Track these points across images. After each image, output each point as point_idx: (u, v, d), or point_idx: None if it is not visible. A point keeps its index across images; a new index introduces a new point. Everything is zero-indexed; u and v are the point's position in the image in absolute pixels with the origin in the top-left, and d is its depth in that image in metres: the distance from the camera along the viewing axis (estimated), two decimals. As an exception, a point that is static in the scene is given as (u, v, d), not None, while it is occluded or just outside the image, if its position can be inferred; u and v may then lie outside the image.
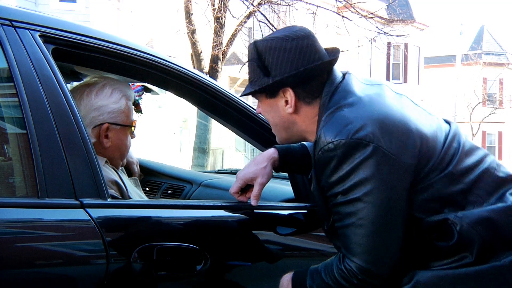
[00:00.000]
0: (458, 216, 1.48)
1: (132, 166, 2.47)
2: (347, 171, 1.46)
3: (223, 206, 1.82)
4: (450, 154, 1.54)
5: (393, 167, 1.45)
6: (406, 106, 1.57)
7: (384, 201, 1.46)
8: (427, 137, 1.52)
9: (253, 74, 1.62)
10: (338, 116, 1.50)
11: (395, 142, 1.46)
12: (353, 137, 1.44)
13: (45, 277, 1.41)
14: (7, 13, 1.56)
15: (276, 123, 1.67)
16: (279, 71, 1.57)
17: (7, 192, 1.54)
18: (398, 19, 15.18)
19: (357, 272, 1.50)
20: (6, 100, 1.60)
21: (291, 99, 1.60)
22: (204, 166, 9.78)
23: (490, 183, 1.55)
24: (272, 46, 1.57)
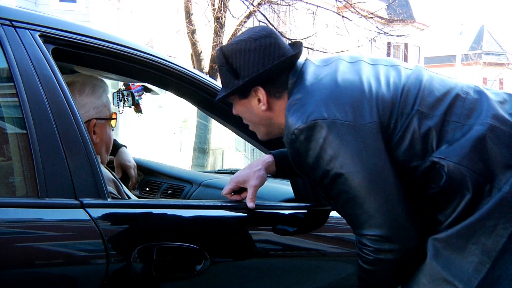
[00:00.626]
0: (442, 157, 1.49)
1: (129, 170, 2.46)
2: (316, 154, 1.50)
3: (223, 206, 1.82)
4: (412, 95, 1.55)
5: (356, 133, 1.48)
6: (359, 70, 1.60)
7: (363, 166, 1.48)
8: (383, 91, 1.54)
9: (224, 78, 1.68)
10: (294, 107, 1.56)
11: (350, 110, 1.50)
12: (308, 120, 1.50)
13: (45, 277, 1.41)
14: (7, 13, 1.56)
15: (254, 122, 1.73)
16: (247, 72, 1.62)
17: (7, 192, 1.54)
18: (398, 19, 15.18)
19: (369, 244, 1.52)
20: (6, 100, 1.60)
21: (263, 97, 1.65)
22: (204, 166, 9.78)
23: (464, 106, 1.55)
24: (237, 48, 1.63)
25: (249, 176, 1.80)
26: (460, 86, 1.60)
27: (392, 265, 1.53)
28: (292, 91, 1.61)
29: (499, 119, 1.52)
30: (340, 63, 1.64)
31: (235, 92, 1.66)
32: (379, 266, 1.53)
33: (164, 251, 1.55)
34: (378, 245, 1.51)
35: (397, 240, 1.50)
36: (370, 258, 1.53)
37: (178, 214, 1.69)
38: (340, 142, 1.48)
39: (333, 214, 1.96)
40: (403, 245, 1.50)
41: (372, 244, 1.51)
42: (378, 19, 10.98)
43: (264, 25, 1.70)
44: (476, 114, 1.54)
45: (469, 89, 1.60)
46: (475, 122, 1.52)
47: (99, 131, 1.98)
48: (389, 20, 13.90)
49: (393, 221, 1.49)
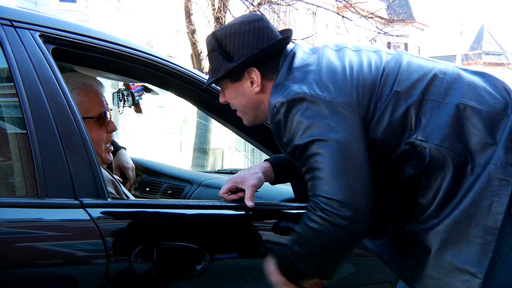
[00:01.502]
0: (423, 139, 1.54)
1: (127, 171, 2.46)
2: (295, 123, 1.55)
3: (223, 206, 1.82)
4: (391, 77, 1.60)
5: (334, 108, 1.53)
6: (344, 56, 1.65)
7: (336, 137, 1.51)
8: (364, 73, 1.60)
9: (215, 64, 1.70)
10: (278, 87, 1.61)
11: (331, 88, 1.56)
12: (290, 95, 1.56)
13: (45, 277, 1.41)
14: (7, 13, 1.56)
15: (245, 105, 1.74)
16: (241, 53, 1.65)
17: (7, 192, 1.54)
18: (398, 19, 15.17)
19: (319, 204, 1.50)
20: (6, 100, 1.60)
21: (257, 78, 1.68)
22: (204, 166, 9.78)
23: (441, 85, 1.59)
24: (232, 31, 1.66)
25: (246, 177, 1.81)
26: (438, 67, 1.64)
27: (338, 231, 1.49)
28: (280, 73, 1.65)
29: (475, 99, 1.57)
30: (326, 49, 1.69)
31: (228, 75, 1.68)
32: (324, 228, 1.49)
33: (164, 251, 1.55)
34: (328, 207, 1.48)
35: (351, 208, 1.48)
36: (317, 216, 1.50)
37: (178, 214, 1.69)
38: (318, 114, 1.53)
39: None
40: (355, 216, 1.48)
41: (323, 205, 1.49)
42: (378, 19, 10.97)
43: (254, 12, 1.74)
44: (453, 92, 1.58)
45: (447, 69, 1.64)
46: (452, 101, 1.56)
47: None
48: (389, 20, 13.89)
49: (353, 190, 1.49)
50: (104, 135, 2.04)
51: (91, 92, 2.00)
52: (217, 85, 1.78)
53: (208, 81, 1.73)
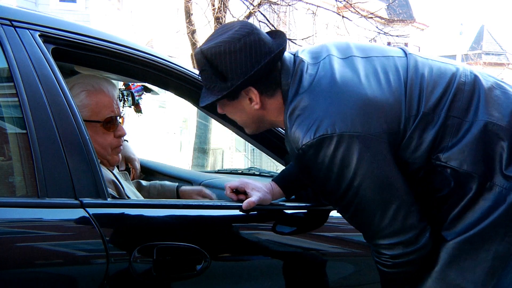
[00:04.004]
0: (442, 160, 1.50)
1: (133, 162, 2.48)
2: (326, 167, 1.48)
3: (223, 206, 1.82)
4: (415, 95, 1.53)
5: (365, 144, 1.46)
6: (355, 70, 1.55)
7: (372, 177, 1.47)
8: (386, 95, 1.51)
9: (208, 81, 1.60)
10: (297, 120, 1.51)
11: (357, 120, 1.47)
12: (316, 136, 1.47)
13: (45, 277, 1.41)
14: (7, 13, 1.56)
15: (245, 121, 1.69)
16: (235, 74, 1.54)
17: (7, 192, 1.54)
18: (398, 19, 15.17)
19: (385, 252, 1.53)
20: (6, 100, 1.60)
21: (255, 96, 1.60)
22: (204, 166, 9.78)
23: (462, 99, 1.54)
24: (221, 51, 1.54)
25: (258, 188, 1.80)
26: (459, 75, 1.58)
27: (413, 265, 1.54)
28: (290, 95, 1.56)
29: (495, 115, 1.52)
30: (333, 60, 1.59)
31: (225, 96, 1.59)
32: (400, 269, 1.55)
33: (164, 251, 1.55)
34: (395, 251, 1.52)
35: (413, 243, 1.51)
36: (389, 263, 1.55)
37: (178, 214, 1.69)
38: (350, 155, 1.46)
39: (333, 214, 1.96)
40: (419, 245, 1.52)
41: (389, 252, 1.53)
42: (378, 19, 10.97)
43: (242, 21, 1.63)
44: (473, 108, 1.53)
45: (466, 77, 1.58)
46: (473, 119, 1.52)
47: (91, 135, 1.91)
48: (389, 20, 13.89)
49: (407, 227, 1.50)
50: (111, 139, 1.99)
51: (101, 95, 1.96)
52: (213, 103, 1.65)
53: (203, 101, 1.62)
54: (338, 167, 1.47)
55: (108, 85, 2.00)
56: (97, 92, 1.96)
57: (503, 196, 1.49)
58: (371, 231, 1.54)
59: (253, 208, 1.76)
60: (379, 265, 1.58)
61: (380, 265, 1.58)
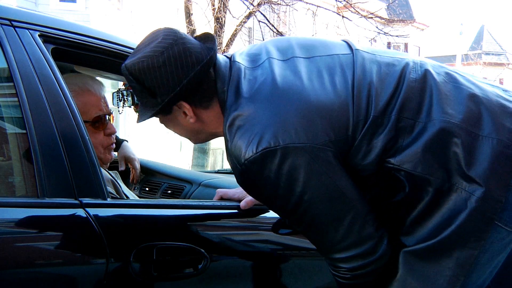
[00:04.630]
0: (395, 163, 1.40)
1: (134, 162, 2.48)
2: (272, 182, 1.39)
3: (223, 206, 1.82)
4: (363, 97, 1.42)
5: (312, 155, 1.36)
6: (297, 73, 1.44)
7: (322, 190, 1.38)
8: (332, 99, 1.41)
9: (140, 97, 1.51)
10: (239, 132, 1.41)
11: (301, 130, 1.37)
12: (259, 150, 1.36)
13: (45, 277, 1.41)
14: (7, 13, 1.56)
15: (185, 134, 1.63)
16: (163, 89, 1.44)
17: (7, 192, 1.54)
18: (398, 19, 15.18)
19: (343, 266, 1.47)
20: (6, 100, 1.60)
21: (188, 111, 1.51)
22: (204, 166, 9.78)
23: (414, 99, 1.43)
24: (144, 67, 1.44)
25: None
26: (409, 71, 1.47)
27: (372, 275, 1.48)
28: (228, 104, 1.45)
29: (449, 112, 1.42)
30: (273, 63, 1.48)
31: (158, 113, 1.52)
32: (360, 280, 1.49)
33: (164, 251, 1.55)
34: (353, 264, 1.45)
35: (371, 253, 1.45)
36: (347, 276, 1.48)
37: (178, 214, 1.69)
38: (297, 167, 1.36)
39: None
40: (378, 255, 1.46)
41: (346, 265, 1.46)
42: (378, 19, 10.97)
43: (166, 29, 1.50)
44: (426, 107, 1.43)
45: (416, 73, 1.47)
46: (426, 119, 1.41)
47: None
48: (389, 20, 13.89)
49: (363, 238, 1.43)
50: (101, 138, 2.00)
51: (87, 94, 1.96)
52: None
53: (141, 117, 1.52)
54: (286, 182, 1.37)
55: (94, 83, 1.99)
56: (83, 92, 1.95)
57: (464, 200, 1.38)
58: (326, 245, 1.46)
59: (253, 208, 1.76)
60: (337, 278, 1.51)
61: (338, 278, 1.51)
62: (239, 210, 1.77)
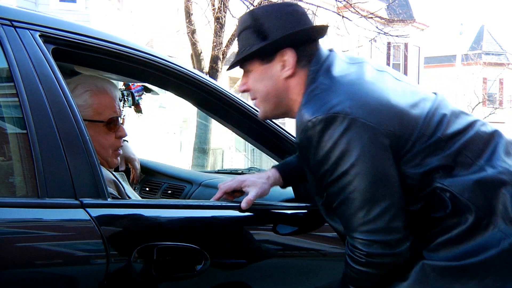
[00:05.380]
0: (445, 184, 1.48)
1: (133, 163, 2.49)
2: (329, 146, 1.46)
3: (223, 206, 1.82)
4: (435, 120, 1.53)
5: (374, 135, 1.45)
6: (386, 81, 1.58)
7: (371, 170, 1.45)
8: (409, 108, 1.52)
9: (246, 43, 1.62)
10: (316, 96, 1.51)
11: (374, 113, 1.47)
12: (330, 112, 1.46)
13: (45, 277, 1.41)
14: (7, 13, 1.56)
15: (269, 92, 1.65)
16: (280, 31, 1.58)
17: (7, 192, 1.54)
18: (398, 19, 15.19)
19: (361, 248, 1.49)
20: (6, 100, 1.60)
21: (292, 59, 1.60)
22: (204, 166, 9.78)
23: (479, 144, 1.55)
24: (272, 9, 1.62)
25: (255, 183, 1.79)
26: (480, 123, 1.61)
27: (384, 269, 1.50)
28: (316, 75, 1.57)
29: (510, 164, 1.53)
30: (367, 66, 1.61)
31: (261, 53, 1.61)
32: (370, 269, 1.50)
33: (164, 251, 1.55)
34: (372, 249, 1.48)
35: (392, 246, 1.47)
36: (362, 260, 1.50)
37: (178, 214, 1.69)
38: (356, 141, 1.44)
39: (333, 214, 1.96)
40: (397, 251, 1.48)
41: (364, 249, 1.48)
42: (378, 19, 10.97)
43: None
44: (487, 155, 1.54)
45: (485, 127, 1.60)
46: (485, 164, 1.52)
47: (93, 134, 1.92)
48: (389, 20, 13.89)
49: (390, 228, 1.47)
50: (112, 140, 2.01)
51: (104, 95, 1.98)
52: (242, 67, 1.67)
53: (236, 58, 1.64)
54: (341, 150, 1.45)
55: (111, 86, 2.03)
56: (100, 92, 1.98)
57: (498, 239, 1.45)
58: (354, 223, 1.49)
59: (253, 208, 1.77)
60: (350, 260, 1.52)
61: (351, 260, 1.52)
62: (239, 210, 1.77)
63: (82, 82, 1.97)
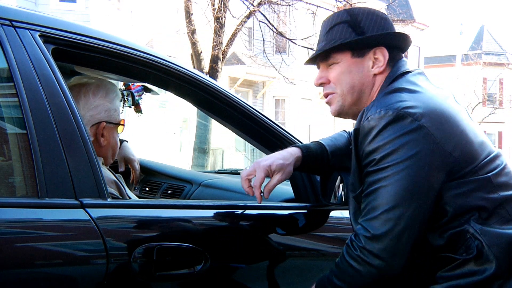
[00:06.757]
0: (477, 230, 1.47)
1: (133, 163, 2.49)
2: (386, 140, 1.47)
3: (223, 206, 1.82)
4: (491, 165, 1.54)
5: (433, 150, 1.46)
6: (461, 112, 1.60)
7: (413, 176, 1.44)
8: (473, 142, 1.53)
9: (340, 35, 1.65)
10: (394, 95, 1.54)
11: (442, 130, 1.48)
12: (402, 111, 1.47)
13: (45, 277, 1.41)
14: (7, 13, 1.56)
15: (354, 85, 1.66)
16: (377, 29, 1.65)
17: (7, 192, 1.54)
18: (398, 19, 15.18)
19: (361, 239, 1.47)
20: (6, 100, 1.60)
21: (384, 58, 1.65)
22: (204, 166, 9.79)
23: None
24: (368, 11, 1.69)
25: (282, 167, 1.72)
26: None
27: (371, 272, 1.48)
28: (398, 78, 1.61)
29: None
30: (449, 94, 1.65)
31: (356, 46, 1.64)
32: (360, 265, 1.48)
33: (164, 251, 1.55)
34: (369, 246, 1.46)
35: (389, 253, 1.46)
36: (355, 252, 1.49)
37: (178, 214, 1.69)
38: (413, 145, 1.45)
39: (333, 214, 1.96)
40: (391, 259, 1.46)
41: (363, 241, 1.47)
42: (378, 19, 10.96)
43: None
44: None
45: None
46: None
47: (107, 134, 2.00)
48: (389, 20, 13.87)
49: (399, 235, 1.45)
50: (117, 139, 2.09)
51: (116, 99, 2.07)
52: (325, 59, 1.68)
53: (326, 45, 1.66)
54: (395, 147, 1.46)
55: (118, 90, 2.12)
56: (119, 97, 2.08)
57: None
58: (371, 214, 1.48)
59: (253, 208, 1.76)
60: (345, 250, 1.51)
61: (346, 250, 1.51)
62: (239, 210, 1.78)
63: (109, 87, 2.05)
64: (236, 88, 17.25)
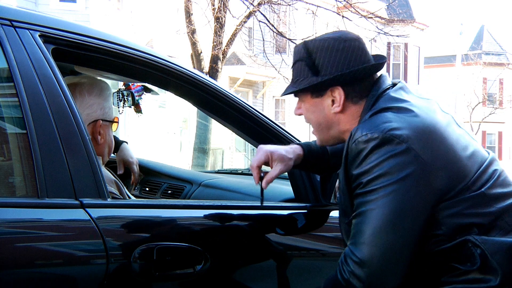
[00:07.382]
0: (478, 240, 1.45)
1: (132, 165, 2.48)
2: (374, 163, 1.45)
3: (223, 206, 1.82)
4: (484, 177, 1.51)
5: (422, 171, 1.43)
6: (449, 124, 1.57)
7: (401, 199, 1.42)
8: (462, 158, 1.50)
9: (299, 74, 1.64)
10: (380, 116, 1.52)
11: (430, 150, 1.45)
12: (388, 133, 1.45)
13: (45, 277, 1.41)
14: (7, 13, 1.56)
15: (320, 123, 1.68)
16: (330, 70, 1.59)
17: (7, 192, 1.54)
18: (398, 19, 15.19)
19: (349, 263, 1.46)
20: (6, 100, 1.60)
21: (340, 98, 1.61)
22: (204, 166, 9.79)
23: None
24: (325, 46, 1.60)
25: (282, 159, 1.77)
26: None
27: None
28: (375, 104, 1.57)
29: None
30: (434, 105, 1.62)
31: (311, 89, 1.63)
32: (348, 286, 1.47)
33: (164, 251, 1.55)
34: (357, 270, 1.44)
35: (377, 277, 1.44)
36: (344, 275, 1.47)
37: (178, 214, 1.69)
38: (401, 168, 1.43)
39: (333, 214, 1.96)
40: (381, 282, 1.45)
41: (351, 266, 1.45)
42: (378, 19, 10.98)
43: (347, 32, 1.69)
44: None
45: None
46: None
47: (103, 132, 2.00)
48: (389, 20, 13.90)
49: (387, 260, 1.44)
50: (112, 136, 2.10)
51: (109, 97, 2.07)
52: (296, 96, 1.69)
53: (287, 90, 1.67)
54: (384, 170, 1.44)
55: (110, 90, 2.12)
56: (111, 94, 2.08)
57: None
58: (359, 237, 1.46)
59: (253, 208, 1.76)
60: (338, 271, 1.50)
61: (338, 268, 1.50)
62: (239, 210, 1.78)
63: (103, 85, 2.05)
64: (236, 88, 17.24)
